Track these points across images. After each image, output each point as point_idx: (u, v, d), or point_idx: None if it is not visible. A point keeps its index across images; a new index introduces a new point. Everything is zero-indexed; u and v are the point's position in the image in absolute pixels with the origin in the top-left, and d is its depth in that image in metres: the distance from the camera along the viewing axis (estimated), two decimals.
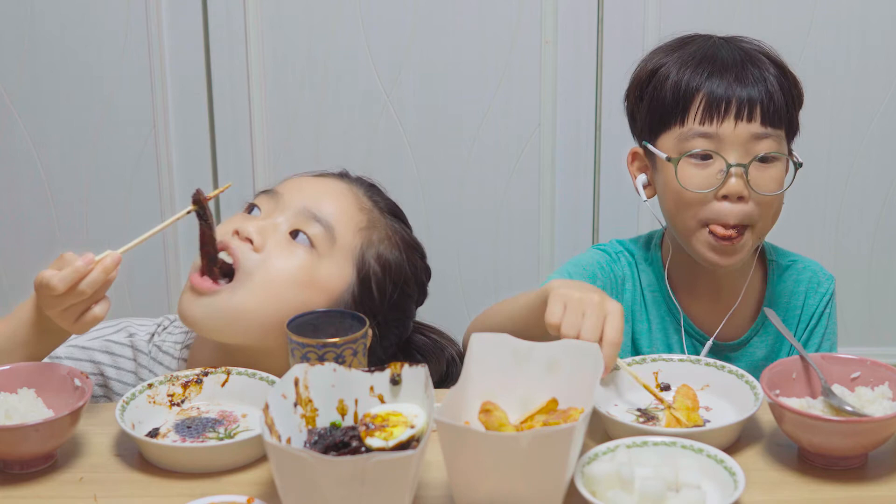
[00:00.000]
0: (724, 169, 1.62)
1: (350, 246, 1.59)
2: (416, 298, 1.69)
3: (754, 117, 1.62)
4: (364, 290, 1.60)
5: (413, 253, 1.67)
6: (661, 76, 1.67)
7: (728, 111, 1.62)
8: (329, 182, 1.64)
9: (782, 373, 1.47)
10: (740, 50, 1.68)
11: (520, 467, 1.23)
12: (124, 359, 1.70)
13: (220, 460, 1.40)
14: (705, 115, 1.62)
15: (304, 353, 1.41)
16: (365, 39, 2.57)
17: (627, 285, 1.78)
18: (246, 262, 1.54)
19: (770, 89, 1.63)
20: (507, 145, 2.63)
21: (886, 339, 2.72)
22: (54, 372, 1.49)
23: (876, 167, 2.61)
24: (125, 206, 2.68)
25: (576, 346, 1.42)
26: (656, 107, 1.68)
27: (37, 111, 2.64)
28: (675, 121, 1.65)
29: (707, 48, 1.69)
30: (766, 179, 1.64)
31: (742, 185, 1.62)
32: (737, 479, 1.28)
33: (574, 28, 2.55)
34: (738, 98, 1.62)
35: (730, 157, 1.62)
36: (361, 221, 1.61)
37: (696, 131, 1.63)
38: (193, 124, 2.60)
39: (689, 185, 1.64)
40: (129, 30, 2.57)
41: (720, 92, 1.62)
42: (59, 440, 1.41)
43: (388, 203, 1.68)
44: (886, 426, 1.36)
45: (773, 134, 1.63)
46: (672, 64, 1.68)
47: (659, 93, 1.67)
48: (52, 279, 1.41)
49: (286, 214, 1.58)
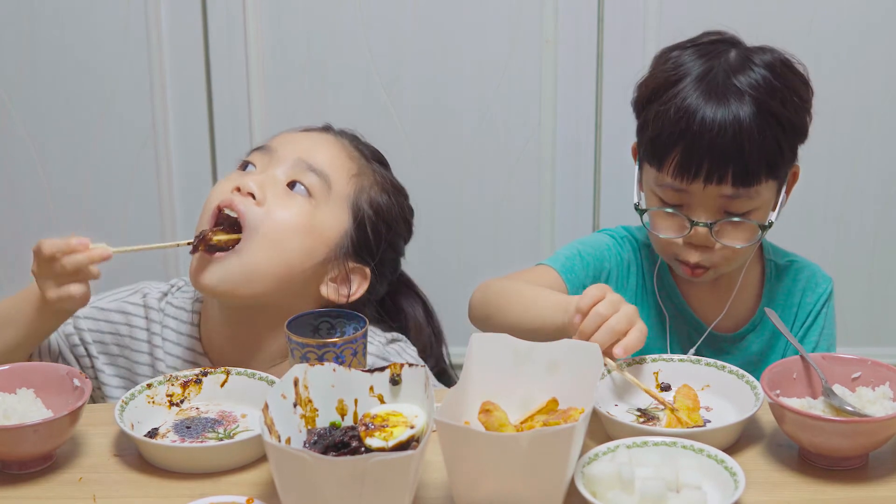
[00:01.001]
0: (688, 225, 1.65)
1: (344, 193, 1.66)
2: (404, 237, 1.77)
3: (725, 181, 1.62)
4: (361, 233, 1.67)
5: (399, 195, 1.74)
6: (668, 99, 1.65)
7: (699, 173, 1.61)
8: (317, 135, 1.71)
9: (783, 373, 1.47)
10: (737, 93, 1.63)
11: (520, 467, 1.23)
12: (137, 317, 1.74)
13: (219, 460, 1.39)
14: (677, 170, 1.63)
15: (303, 353, 1.41)
16: (365, 39, 2.57)
17: (633, 268, 1.81)
18: (252, 217, 1.60)
19: (747, 154, 1.60)
20: (507, 145, 2.63)
21: (887, 339, 2.72)
22: (53, 372, 1.49)
23: (877, 167, 2.61)
24: (125, 206, 2.68)
25: (576, 346, 1.42)
26: (644, 138, 1.69)
27: (36, 111, 2.64)
28: (654, 164, 1.67)
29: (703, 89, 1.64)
30: (734, 235, 1.66)
31: (706, 238, 1.65)
32: (737, 479, 1.28)
33: (574, 28, 2.55)
34: (709, 165, 1.61)
35: (698, 214, 1.64)
36: (352, 169, 1.68)
37: (668, 183, 1.65)
38: (193, 124, 2.60)
39: (656, 229, 1.69)
40: (128, 30, 2.57)
41: (693, 156, 1.61)
42: (58, 440, 1.40)
43: (372, 151, 1.76)
44: (887, 426, 1.35)
45: (745, 194, 1.63)
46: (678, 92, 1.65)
47: (648, 129, 1.67)
48: (44, 242, 1.53)
49: (282, 167, 1.64)
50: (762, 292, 1.79)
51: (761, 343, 1.79)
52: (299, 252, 1.61)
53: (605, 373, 1.53)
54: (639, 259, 1.81)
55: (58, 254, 1.52)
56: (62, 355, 1.72)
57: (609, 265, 1.79)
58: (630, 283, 1.80)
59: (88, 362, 1.73)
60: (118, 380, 1.74)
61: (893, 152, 2.60)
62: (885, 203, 2.63)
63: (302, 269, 1.62)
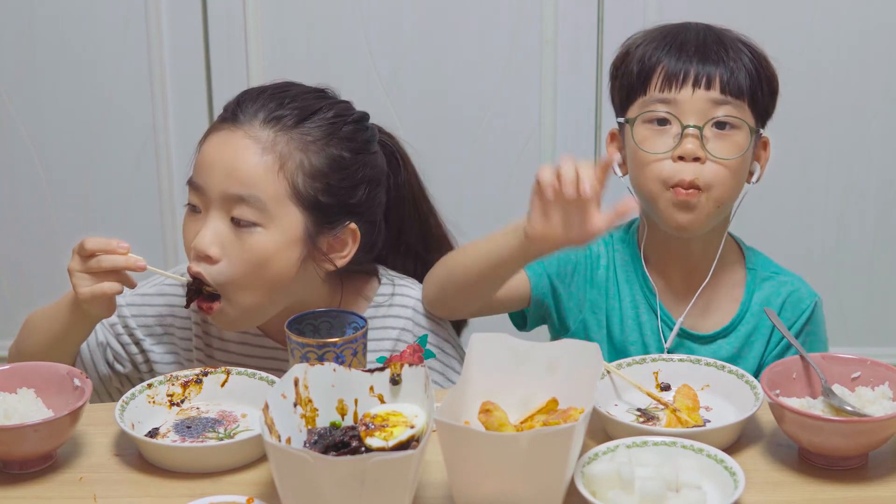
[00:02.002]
0: (680, 132, 1.67)
1: (280, 193, 1.58)
2: (372, 162, 1.68)
3: (713, 86, 1.68)
4: (318, 210, 1.60)
5: (335, 137, 1.63)
6: (630, 55, 1.75)
7: (686, 79, 1.68)
8: (227, 143, 1.61)
9: (782, 373, 1.47)
10: (709, 31, 1.76)
11: (520, 467, 1.23)
12: (176, 297, 1.76)
13: (219, 460, 1.39)
14: (664, 83, 1.69)
15: (303, 353, 1.41)
16: (365, 39, 2.57)
17: (602, 261, 1.81)
18: (217, 279, 1.59)
19: (732, 65, 1.70)
20: (507, 145, 2.63)
21: (887, 339, 2.72)
22: (54, 372, 1.49)
23: (877, 167, 2.61)
24: (125, 205, 2.68)
25: (576, 346, 1.42)
26: (624, 82, 1.74)
27: (36, 111, 2.64)
28: (639, 91, 1.72)
29: (675, 29, 1.77)
30: (723, 144, 1.68)
31: (697, 146, 1.66)
32: (737, 479, 1.28)
33: (574, 28, 2.55)
34: (697, 69, 1.68)
35: (687, 120, 1.67)
36: (273, 164, 1.58)
37: (655, 97, 1.69)
38: (193, 124, 2.60)
39: (646, 146, 1.69)
40: (128, 30, 2.57)
41: (680, 63, 1.69)
42: (59, 440, 1.41)
43: (294, 109, 1.63)
44: (887, 426, 1.35)
45: (733, 102, 1.68)
46: (641, 44, 1.76)
47: (627, 68, 1.74)
48: (88, 239, 1.58)
49: (215, 209, 1.59)
50: (741, 300, 1.78)
51: (730, 350, 1.77)
52: (276, 272, 1.59)
53: (605, 373, 1.53)
54: (610, 252, 1.81)
55: (99, 251, 1.56)
56: (109, 346, 1.76)
57: (576, 257, 1.79)
58: (598, 275, 1.80)
59: (135, 348, 1.76)
60: (170, 356, 1.78)
61: (893, 152, 2.60)
62: (885, 203, 2.63)
63: (290, 277, 1.61)
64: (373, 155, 1.68)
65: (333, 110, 1.65)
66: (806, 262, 2.58)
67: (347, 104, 1.70)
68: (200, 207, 1.62)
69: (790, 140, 2.52)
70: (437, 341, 1.73)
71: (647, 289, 1.78)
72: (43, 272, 2.71)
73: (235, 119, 1.62)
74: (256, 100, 1.63)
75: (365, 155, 1.66)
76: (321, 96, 1.68)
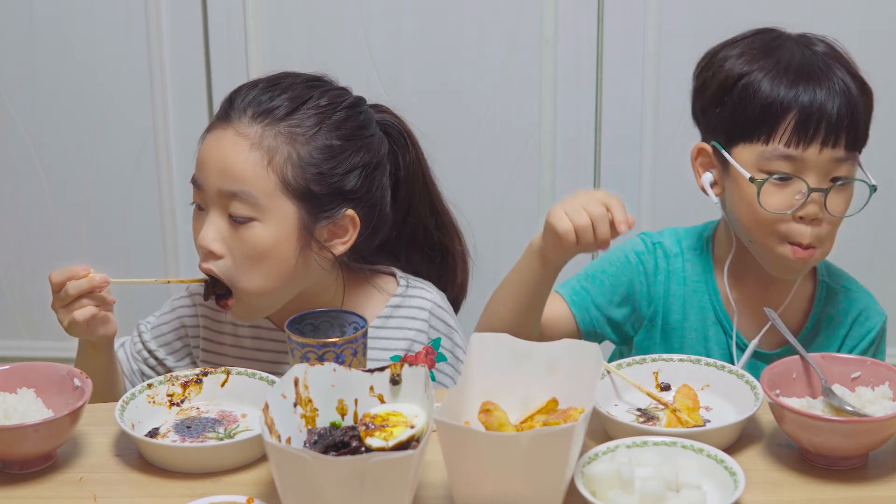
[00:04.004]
0: (805, 192, 1.61)
1: (270, 187, 1.60)
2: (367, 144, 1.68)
3: (839, 144, 1.61)
4: (312, 199, 1.62)
5: (324, 126, 1.64)
6: (750, 85, 1.64)
7: (816, 136, 1.60)
8: (219, 141, 1.63)
9: (782, 373, 1.47)
10: (821, 61, 1.66)
11: (520, 467, 1.23)
12: (186, 308, 1.80)
13: (219, 460, 1.39)
14: (792, 136, 1.60)
15: (303, 353, 1.41)
16: (365, 39, 2.57)
17: (660, 277, 1.76)
18: (225, 273, 1.62)
19: (858, 117, 1.63)
20: (507, 145, 2.63)
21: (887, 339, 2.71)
22: (54, 372, 1.49)
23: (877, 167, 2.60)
24: (125, 205, 2.68)
25: (576, 346, 1.42)
26: (741, 117, 1.64)
27: (36, 112, 2.64)
28: (760, 137, 1.63)
29: (800, 58, 1.66)
30: (839, 201, 1.64)
31: (818, 209, 1.61)
32: (737, 479, 1.28)
33: (574, 28, 2.55)
34: (827, 124, 1.60)
35: (811, 180, 1.61)
36: (261, 159, 1.60)
37: (780, 153, 1.61)
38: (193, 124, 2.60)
39: (768, 205, 1.62)
40: (128, 30, 2.57)
41: (812, 115, 1.60)
42: (59, 440, 1.41)
43: (284, 101, 1.64)
44: (887, 426, 1.35)
45: (852, 157, 1.64)
46: (762, 74, 1.64)
47: (746, 103, 1.63)
48: (52, 272, 1.60)
49: (214, 207, 1.62)
50: (810, 312, 1.75)
51: None
52: (278, 263, 1.61)
53: (605, 373, 1.53)
54: (678, 263, 1.77)
55: (63, 281, 1.58)
56: (143, 374, 1.79)
57: (627, 278, 1.76)
58: (656, 289, 1.76)
59: (162, 368, 1.79)
60: (192, 366, 1.80)
61: (893, 152, 2.60)
62: (885, 203, 2.62)
63: (292, 266, 1.62)
64: (367, 139, 1.68)
65: (326, 97, 1.67)
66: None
67: (342, 90, 1.71)
68: (203, 205, 1.65)
69: None
70: (450, 346, 1.74)
71: (719, 305, 1.75)
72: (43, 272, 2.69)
73: (227, 117, 1.64)
74: (247, 95, 1.65)
75: (358, 140, 1.66)
76: (314, 85, 1.69)
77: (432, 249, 1.80)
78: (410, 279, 1.77)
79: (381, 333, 1.70)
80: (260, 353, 1.75)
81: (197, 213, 1.66)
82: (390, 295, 1.74)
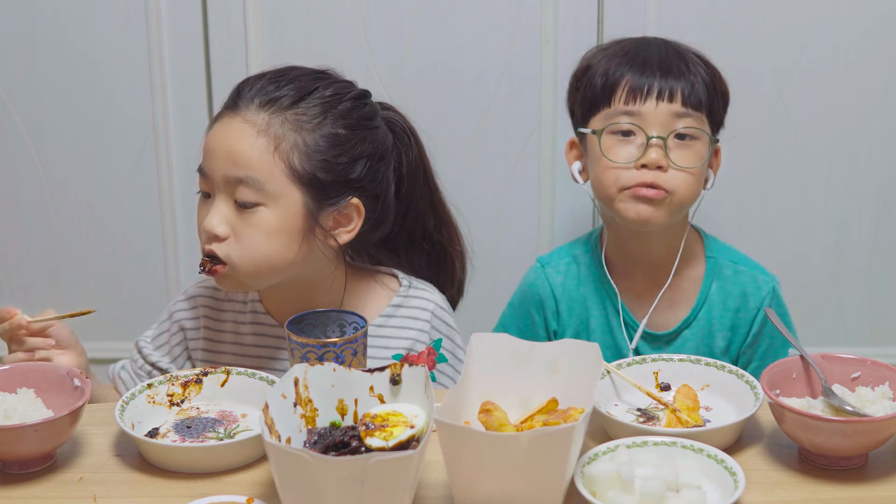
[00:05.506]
0: (645, 141, 1.75)
1: (276, 173, 1.62)
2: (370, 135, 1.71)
3: (675, 99, 1.77)
4: (317, 187, 1.64)
5: (330, 115, 1.67)
6: (593, 69, 1.84)
7: (650, 93, 1.77)
8: (227, 129, 1.66)
9: (782, 373, 1.47)
10: (669, 46, 1.84)
11: (520, 467, 1.23)
12: (184, 311, 1.81)
13: (219, 460, 1.39)
14: (629, 96, 1.78)
15: (303, 353, 1.41)
16: (365, 39, 2.56)
17: (557, 292, 1.91)
18: (227, 255, 1.63)
19: (692, 79, 1.79)
20: (507, 145, 2.63)
21: (887, 339, 2.71)
22: (54, 372, 1.49)
23: (877, 166, 2.61)
24: (125, 205, 2.68)
25: (576, 346, 1.42)
26: (588, 94, 1.83)
27: (36, 111, 2.63)
28: (603, 103, 1.80)
29: (637, 44, 1.86)
30: (686, 154, 1.77)
31: (661, 156, 1.76)
32: (737, 479, 1.28)
33: (574, 28, 2.54)
34: (660, 83, 1.77)
35: (651, 132, 1.76)
36: (268, 146, 1.62)
37: (620, 110, 1.79)
38: (193, 124, 2.60)
39: (612, 156, 1.78)
40: (128, 30, 2.57)
41: (644, 77, 1.78)
42: (59, 440, 1.41)
43: (290, 91, 1.68)
44: (887, 426, 1.35)
45: (693, 114, 1.78)
46: (603, 58, 1.85)
47: (591, 81, 1.83)
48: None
49: (220, 193, 1.64)
50: (699, 292, 1.85)
51: (696, 341, 1.83)
52: (282, 248, 1.63)
53: (605, 373, 1.53)
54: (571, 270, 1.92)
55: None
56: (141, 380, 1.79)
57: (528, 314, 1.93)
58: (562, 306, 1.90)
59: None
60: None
61: (893, 152, 2.60)
62: (885, 203, 2.62)
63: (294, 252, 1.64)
64: (373, 130, 1.71)
65: (332, 88, 1.71)
66: (805, 262, 2.58)
67: (348, 83, 1.74)
68: (209, 192, 1.67)
69: (790, 139, 2.52)
70: (451, 347, 1.75)
71: (612, 293, 1.85)
72: (43, 272, 2.71)
73: (235, 106, 1.67)
74: (254, 85, 1.69)
75: (363, 130, 1.69)
76: (320, 76, 1.74)
77: (431, 248, 1.82)
78: (413, 280, 1.78)
79: (383, 332, 1.71)
80: (261, 349, 1.75)
81: (202, 200, 1.68)
82: (393, 294, 1.74)
